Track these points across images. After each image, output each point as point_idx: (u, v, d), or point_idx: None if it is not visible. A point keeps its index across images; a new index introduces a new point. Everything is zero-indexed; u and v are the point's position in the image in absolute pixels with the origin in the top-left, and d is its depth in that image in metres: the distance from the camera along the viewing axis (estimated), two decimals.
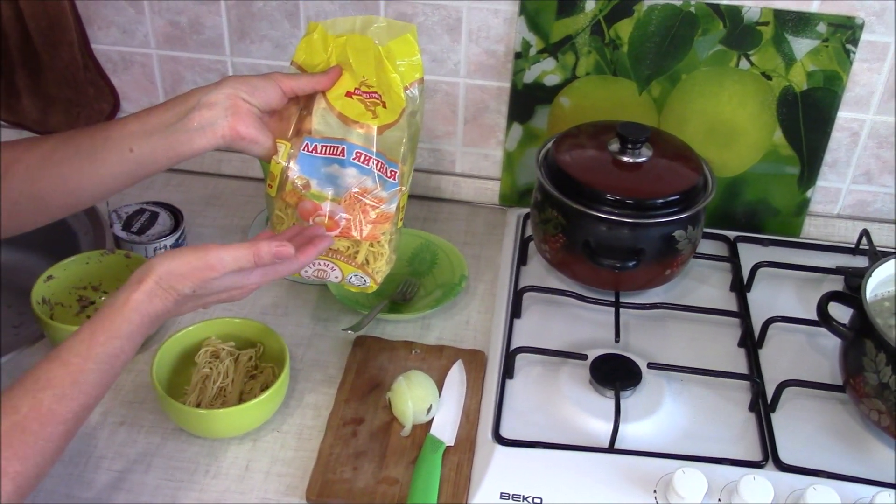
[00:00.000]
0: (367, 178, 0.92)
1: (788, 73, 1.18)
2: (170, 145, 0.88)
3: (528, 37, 1.21)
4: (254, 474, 0.94)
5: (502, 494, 0.90)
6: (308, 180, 0.92)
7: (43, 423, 0.71)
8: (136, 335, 0.79)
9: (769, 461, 0.95)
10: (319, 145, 0.92)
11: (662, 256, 1.09)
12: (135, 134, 0.87)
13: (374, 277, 0.97)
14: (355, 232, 0.92)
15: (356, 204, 0.92)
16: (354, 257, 0.95)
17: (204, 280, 0.81)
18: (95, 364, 0.75)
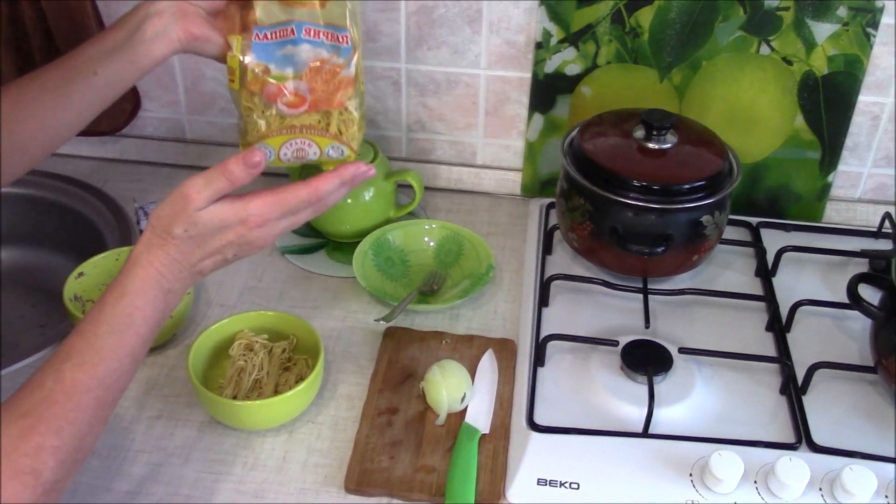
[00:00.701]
0: (321, 49, 0.95)
1: (809, 58, 1.19)
2: (131, 60, 0.90)
3: (549, 26, 1.21)
4: (291, 465, 0.94)
5: (539, 480, 0.91)
6: (266, 66, 0.94)
7: (68, 394, 0.71)
8: (146, 290, 0.77)
9: (803, 443, 0.95)
10: (269, 32, 0.94)
11: (690, 242, 1.10)
12: (94, 58, 0.89)
13: (350, 145, 0.98)
14: (323, 103, 0.95)
15: (317, 76, 0.95)
16: (327, 129, 0.97)
17: (189, 214, 0.78)
18: (108, 326, 0.75)
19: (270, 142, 0.96)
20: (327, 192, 0.83)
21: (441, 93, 1.31)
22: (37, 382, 0.72)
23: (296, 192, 0.81)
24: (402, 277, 1.20)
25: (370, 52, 1.28)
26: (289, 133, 0.96)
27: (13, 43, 1.28)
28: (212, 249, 0.81)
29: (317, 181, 0.82)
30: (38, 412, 0.70)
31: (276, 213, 0.81)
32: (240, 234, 0.80)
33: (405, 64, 1.29)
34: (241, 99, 0.96)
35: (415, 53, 1.27)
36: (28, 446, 0.69)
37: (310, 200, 0.82)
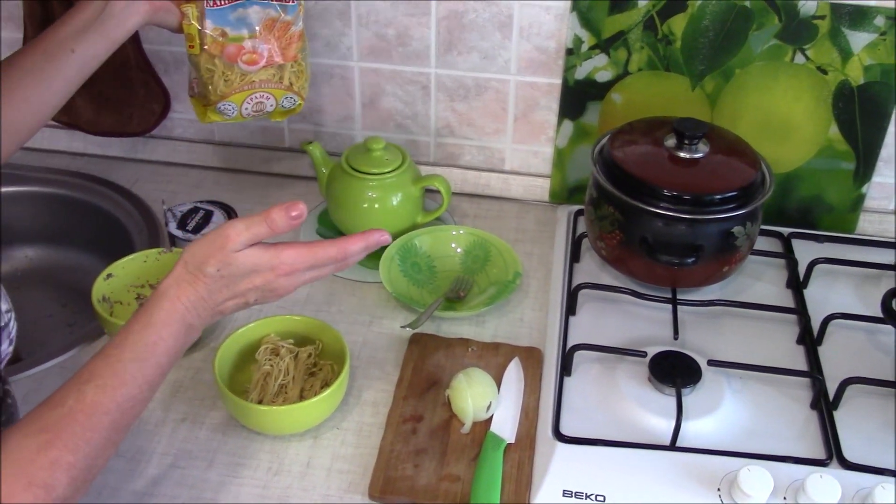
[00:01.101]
0: (269, 9, 1.06)
1: (845, 68, 1.17)
2: (104, 35, 0.97)
3: (580, 33, 1.20)
4: (315, 471, 0.94)
5: (565, 492, 0.90)
6: (223, 29, 1.04)
7: (88, 414, 0.72)
8: (171, 323, 0.79)
9: (833, 459, 0.94)
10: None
11: (720, 253, 1.08)
12: (69, 37, 0.95)
13: (300, 94, 1.12)
14: (277, 57, 1.08)
15: (269, 34, 1.06)
16: (281, 81, 1.10)
17: (225, 254, 0.80)
18: (132, 353, 0.76)
19: (233, 99, 1.08)
20: (353, 253, 0.85)
21: (470, 98, 1.30)
22: (58, 400, 0.73)
23: (326, 249, 0.84)
24: (428, 283, 1.19)
25: (400, 56, 1.28)
26: (249, 89, 1.08)
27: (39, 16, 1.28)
28: (238, 292, 0.82)
29: (345, 242, 0.84)
30: (57, 428, 0.71)
31: (305, 264, 0.83)
32: (267, 280, 0.82)
33: (435, 69, 1.28)
34: (202, 62, 1.06)
35: (444, 58, 1.27)
36: (44, 460, 0.69)
37: (336, 258, 0.84)
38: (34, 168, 1.40)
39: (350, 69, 1.30)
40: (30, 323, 1.33)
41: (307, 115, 1.36)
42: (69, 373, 1.03)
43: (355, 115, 1.35)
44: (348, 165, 1.20)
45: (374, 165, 1.20)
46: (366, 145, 1.21)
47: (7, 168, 1.40)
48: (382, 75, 1.30)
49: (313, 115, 1.36)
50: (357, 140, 1.37)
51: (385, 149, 1.22)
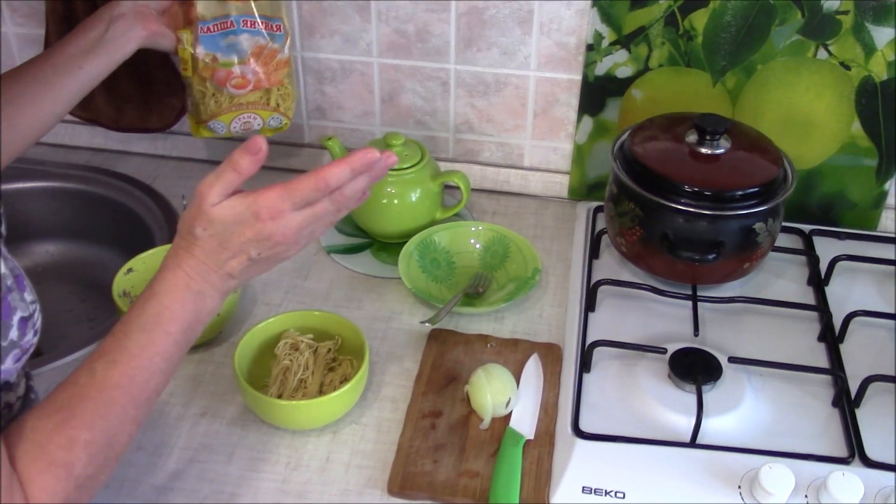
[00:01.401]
0: (258, 37, 1.13)
1: (868, 63, 1.16)
2: (106, 55, 1.04)
3: (601, 28, 1.20)
4: (335, 466, 0.94)
5: (584, 488, 0.90)
6: (214, 55, 1.12)
7: (100, 389, 0.73)
8: (174, 290, 0.78)
9: (855, 457, 0.93)
10: (211, 25, 1.11)
11: (742, 249, 1.08)
12: (77, 54, 1.02)
13: (287, 115, 1.19)
14: (264, 82, 1.15)
15: (257, 60, 1.14)
16: (268, 103, 1.17)
17: (204, 212, 0.78)
18: (137, 325, 0.76)
19: (222, 118, 1.16)
20: (337, 179, 0.79)
21: (490, 94, 1.30)
22: (71, 380, 0.73)
23: (303, 181, 0.79)
24: (447, 279, 1.19)
25: (420, 52, 1.27)
26: (237, 110, 1.16)
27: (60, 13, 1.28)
28: (234, 248, 0.80)
29: (323, 169, 0.79)
30: (71, 406, 0.71)
31: (286, 203, 0.78)
32: (256, 230, 0.79)
33: (454, 65, 1.28)
34: (194, 84, 1.14)
35: (464, 54, 1.27)
36: (62, 439, 0.70)
37: (318, 187, 0.79)
38: (55, 164, 1.41)
39: (370, 65, 1.30)
40: (50, 317, 1.32)
41: (326, 111, 1.36)
42: None
43: (375, 110, 1.35)
44: None
45: None
46: (385, 141, 1.21)
47: (28, 164, 1.41)
48: (402, 71, 1.30)
49: (333, 111, 1.36)
50: (376, 136, 1.37)
51: (404, 144, 1.22)
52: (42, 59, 1.02)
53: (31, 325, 0.72)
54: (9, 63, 1.41)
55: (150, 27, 1.06)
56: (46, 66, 1.02)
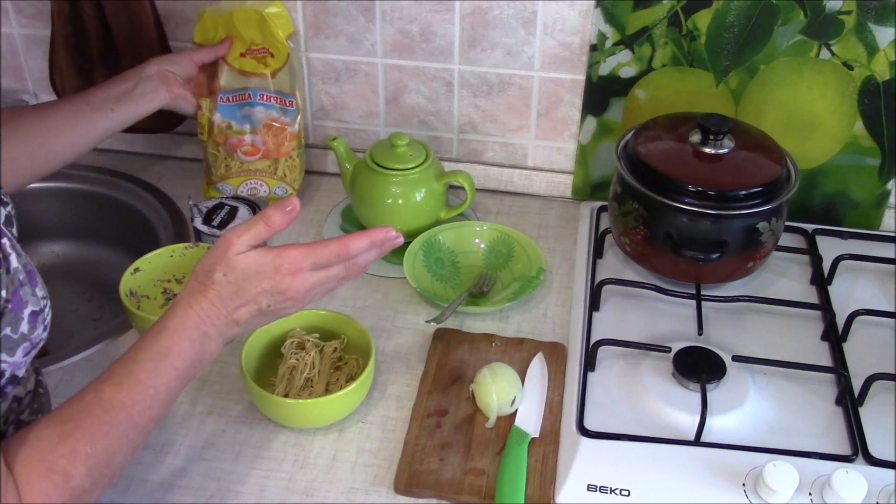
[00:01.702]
0: (271, 111, 1.25)
1: (871, 63, 1.17)
2: (134, 106, 1.15)
3: (605, 29, 1.20)
4: (341, 464, 0.95)
5: (589, 486, 0.90)
6: (229, 122, 1.25)
7: (104, 408, 0.75)
8: (183, 328, 0.81)
9: (859, 455, 0.94)
10: (231, 95, 1.24)
11: (745, 249, 1.08)
12: (109, 99, 1.13)
13: (293, 186, 1.29)
14: (273, 152, 1.26)
15: (269, 132, 1.25)
16: (275, 172, 1.27)
17: (228, 258, 0.82)
18: (146, 354, 0.79)
19: (231, 181, 1.27)
20: (357, 250, 0.85)
21: (493, 94, 1.30)
22: (78, 396, 0.76)
23: (326, 246, 0.85)
24: (451, 278, 1.20)
25: (424, 53, 1.28)
26: (245, 175, 1.27)
27: (73, 41, 1.30)
28: (247, 297, 0.83)
29: (347, 238, 0.85)
30: (76, 420, 0.74)
31: (307, 262, 0.84)
32: (274, 282, 0.83)
33: (458, 65, 1.28)
34: (208, 147, 1.27)
35: (468, 54, 1.27)
36: (64, 448, 0.72)
37: (339, 253, 0.85)
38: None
39: (374, 65, 1.31)
40: (56, 317, 1.31)
41: (331, 112, 1.37)
42: (97, 366, 1.06)
43: (379, 111, 1.35)
44: (372, 161, 1.21)
45: (398, 161, 1.20)
46: (390, 141, 1.22)
47: None
48: (406, 72, 1.31)
49: (337, 112, 1.37)
50: (380, 136, 1.37)
51: (409, 145, 1.22)
52: (80, 97, 1.12)
53: (41, 320, 0.73)
54: (14, 64, 1.42)
55: (174, 91, 1.18)
56: (83, 103, 1.11)
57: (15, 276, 0.71)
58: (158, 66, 1.18)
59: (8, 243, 0.71)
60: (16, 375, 0.74)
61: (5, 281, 0.69)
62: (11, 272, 0.71)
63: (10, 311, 0.70)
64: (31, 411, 0.80)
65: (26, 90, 1.45)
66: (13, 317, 0.70)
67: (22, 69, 1.43)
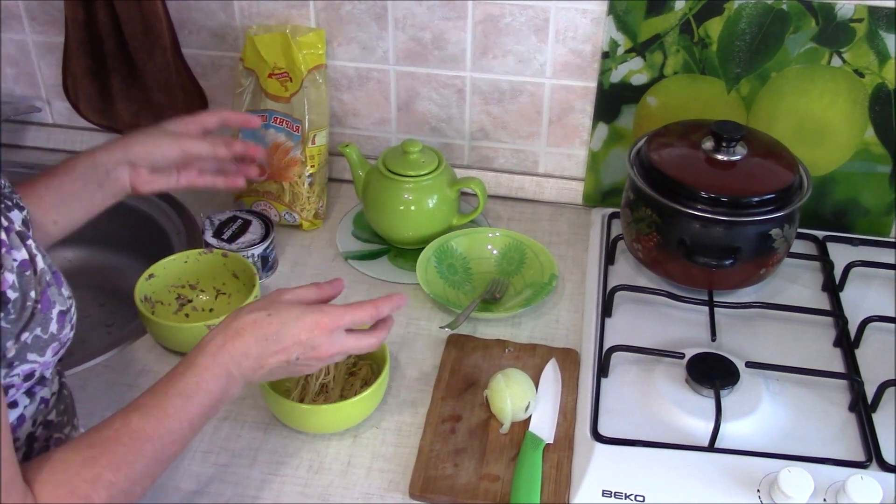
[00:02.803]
0: (280, 134, 1.27)
1: (882, 71, 1.17)
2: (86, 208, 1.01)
3: (616, 36, 1.21)
4: (356, 470, 0.95)
5: (604, 492, 0.91)
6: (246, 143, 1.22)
7: (132, 438, 0.75)
8: (215, 368, 0.81)
9: (873, 461, 0.94)
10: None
11: (758, 255, 1.09)
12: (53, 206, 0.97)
13: (301, 214, 1.29)
14: (276, 175, 1.27)
15: (274, 153, 1.27)
16: (281, 198, 1.28)
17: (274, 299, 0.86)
18: (176, 388, 0.80)
19: (245, 199, 1.31)
20: (387, 311, 0.90)
21: (505, 101, 1.31)
22: (106, 423, 0.76)
23: (363, 308, 0.88)
24: (464, 284, 1.20)
25: (436, 60, 1.29)
26: (256, 196, 1.30)
27: (87, 47, 1.30)
28: (283, 344, 0.84)
29: (377, 301, 0.89)
30: (102, 447, 0.74)
31: (344, 320, 0.86)
32: (311, 336, 0.85)
33: (470, 72, 1.29)
34: None
35: (480, 62, 1.28)
36: (88, 473, 0.72)
37: (372, 315, 0.88)
38: None
39: (386, 72, 1.31)
40: None
41: (343, 119, 1.38)
42: (111, 371, 1.06)
43: (391, 118, 1.36)
44: (385, 168, 1.21)
45: (411, 168, 1.21)
46: (402, 148, 1.22)
47: None
48: (418, 79, 1.31)
49: (349, 119, 1.37)
50: (392, 143, 1.38)
51: (421, 151, 1.23)
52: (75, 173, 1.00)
53: (68, 320, 0.75)
54: (28, 71, 1.43)
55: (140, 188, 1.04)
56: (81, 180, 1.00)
57: (42, 276, 0.72)
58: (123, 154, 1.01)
59: (33, 244, 0.72)
60: (44, 376, 0.75)
61: (34, 282, 0.70)
62: (38, 273, 0.71)
63: (39, 312, 0.71)
64: (58, 412, 0.81)
65: (39, 97, 1.46)
66: (42, 317, 0.71)
67: (35, 76, 1.43)
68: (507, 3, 1.22)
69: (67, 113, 1.44)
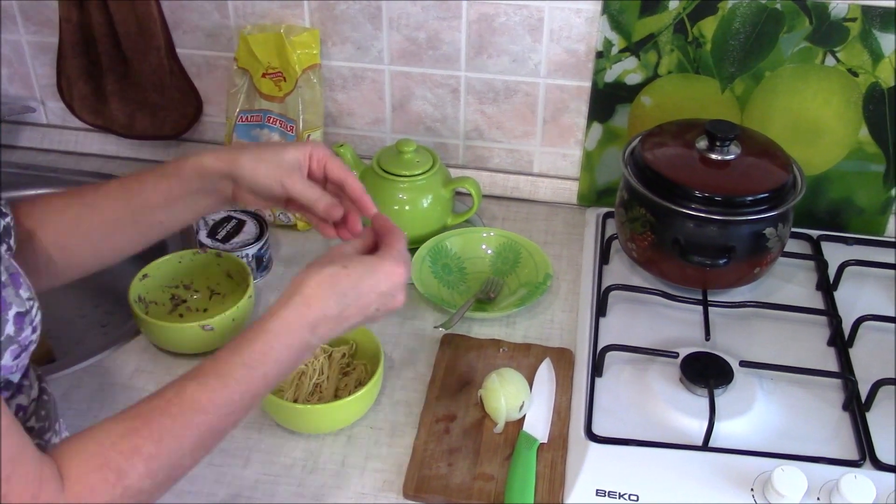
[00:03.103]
0: (274, 133, 1.27)
1: (876, 70, 1.17)
2: (192, 211, 0.93)
3: (611, 36, 1.21)
4: (350, 470, 0.95)
5: (598, 491, 0.91)
6: (241, 142, 1.27)
7: (183, 409, 0.71)
8: (289, 335, 0.76)
9: (866, 460, 0.94)
10: (248, 115, 1.28)
11: (752, 254, 1.09)
12: (159, 206, 0.90)
13: (295, 215, 1.27)
14: None
15: None
16: None
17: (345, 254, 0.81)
18: (241, 358, 0.75)
19: None
20: None
21: (499, 101, 1.31)
22: (160, 392, 0.72)
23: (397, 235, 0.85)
24: (458, 284, 1.20)
25: (430, 59, 1.28)
26: None
27: (81, 48, 1.30)
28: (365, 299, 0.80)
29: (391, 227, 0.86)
30: (146, 417, 0.70)
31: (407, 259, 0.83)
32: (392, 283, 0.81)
33: (465, 72, 1.29)
34: None
35: (474, 61, 1.28)
36: (125, 445, 0.68)
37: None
38: (67, 171, 1.42)
39: (381, 72, 1.31)
40: (63, 323, 1.35)
41: (338, 118, 1.37)
42: (106, 372, 1.06)
43: (385, 117, 1.36)
44: (380, 168, 1.21)
45: (406, 168, 1.21)
46: (397, 148, 1.22)
47: (40, 171, 1.42)
48: (413, 78, 1.31)
49: (344, 118, 1.37)
50: (387, 143, 1.38)
51: (416, 151, 1.23)
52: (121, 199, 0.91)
53: (28, 322, 0.71)
54: (22, 71, 1.43)
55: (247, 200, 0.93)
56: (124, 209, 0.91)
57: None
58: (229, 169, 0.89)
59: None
60: (10, 381, 0.72)
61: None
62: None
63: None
64: (38, 418, 0.78)
65: (34, 97, 1.45)
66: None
67: (29, 76, 1.43)
68: (501, 2, 1.22)
69: (62, 113, 1.44)
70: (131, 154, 1.45)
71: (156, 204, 0.91)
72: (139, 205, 0.90)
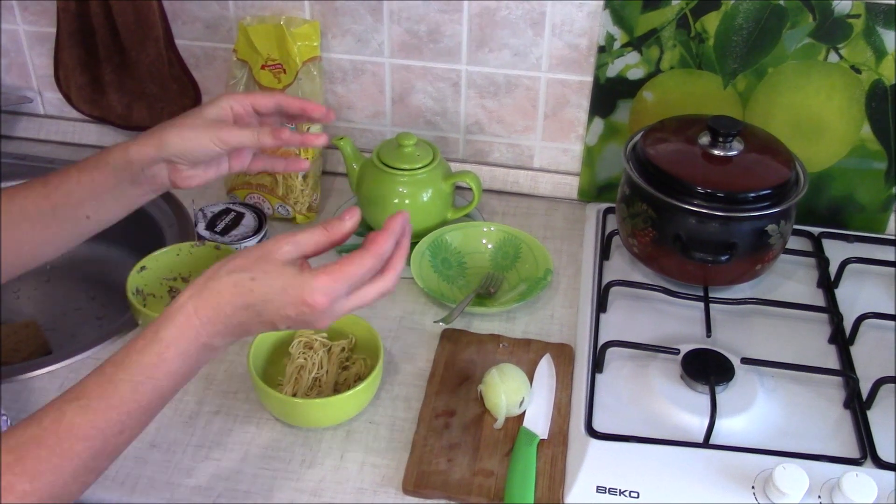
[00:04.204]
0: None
1: (879, 67, 1.17)
2: (123, 204, 0.91)
3: (613, 30, 1.20)
4: (349, 465, 0.94)
5: (598, 488, 0.90)
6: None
7: (60, 438, 0.66)
8: (181, 342, 0.71)
9: (867, 458, 0.94)
10: None
11: (754, 251, 1.08)
12: (84, 200, 0.88)
13: (294, 207, 1.27)
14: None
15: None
16: (275, 191, 1.27)
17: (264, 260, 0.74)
18: (127, 374, 0.69)
19: (238, 192, 1.29)
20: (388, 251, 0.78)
21: (500, 95, 1.30)
22: (36, 417, 0.67)
23: (362, 261, 0.76)
24: (458, 279, 1.20)
25: (431, 53, 1.28)
26: (248, 188, 1.28)
27: (79, 38, 1.29)
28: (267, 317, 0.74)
29: (376, 246, 0.77)
30: (23, 450, 0.65)
31: (341, 287, 0.75)
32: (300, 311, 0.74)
33: (465, 66, 1.28)
34: None
35: (476, 55, 1.27)
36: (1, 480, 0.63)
37: (375, 267, 0.77)
38: (64, 162, 1.41)
39: (381, 65, 1.31)
40: (59, 315, 1.34)
41: (337, 111, 1.37)
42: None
43: (386, 111, 1.35)
44: (380, 161, 1.21)
45: (406, 161, 1.20)
46: (397, 141, 1.22)
47: (36, 162, 1.42)
48: (413, 72, 1.30)
49: (344, 111, 1.37)
50: (387, 136, 1.37)
51: (416, 145, 1.22)
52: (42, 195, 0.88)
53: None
54: (19, 61, 1.41)
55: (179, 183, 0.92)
56: (46, 203, 0.88)
57: None
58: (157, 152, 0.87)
59: None
60: None
61: None
62: None
63: None
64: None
65: (31, 87, 1.44)
66: None
67: (27, 66, 1.42)
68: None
69: (59, 103, 1.43)
70: None
71: (80, 198, 0.88)
72: (60, 198, 0.86)
